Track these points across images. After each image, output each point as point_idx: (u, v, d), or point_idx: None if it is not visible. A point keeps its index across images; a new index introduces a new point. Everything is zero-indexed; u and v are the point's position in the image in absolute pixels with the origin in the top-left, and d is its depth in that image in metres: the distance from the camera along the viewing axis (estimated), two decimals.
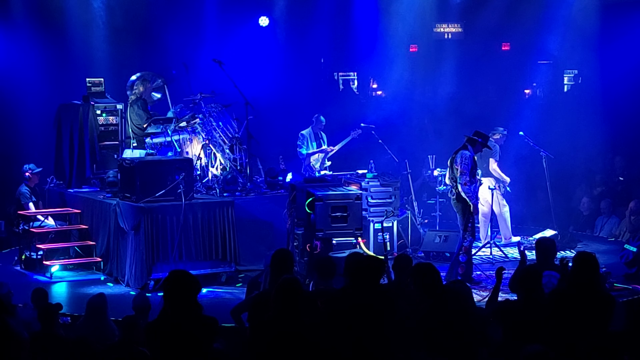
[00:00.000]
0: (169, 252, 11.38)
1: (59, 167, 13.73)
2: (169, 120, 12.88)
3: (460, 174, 11.08)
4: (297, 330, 6.28)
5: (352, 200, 11.11)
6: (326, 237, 11.04)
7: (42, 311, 7.65)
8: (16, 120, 16.17)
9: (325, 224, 10.95)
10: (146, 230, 11.27)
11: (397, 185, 13.39)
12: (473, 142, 11.34)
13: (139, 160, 12.01)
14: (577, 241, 14.26)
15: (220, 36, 17.49)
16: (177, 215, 11.44)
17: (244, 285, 11.51)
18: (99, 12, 16.73)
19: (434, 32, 19.64)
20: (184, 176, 11.52)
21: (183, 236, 11.48)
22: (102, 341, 7.67)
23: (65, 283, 12.03)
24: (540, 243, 8.76)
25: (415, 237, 13.41)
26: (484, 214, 13.58)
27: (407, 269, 7.58)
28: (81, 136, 13.44)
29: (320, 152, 14.89)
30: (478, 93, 18.44)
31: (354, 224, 11.07)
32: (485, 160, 13.41)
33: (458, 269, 11.12)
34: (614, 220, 15.54)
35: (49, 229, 12.99)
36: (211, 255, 11.68)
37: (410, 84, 18.54)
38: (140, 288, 11.28)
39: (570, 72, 19.98)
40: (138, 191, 11.49)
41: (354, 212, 11.04)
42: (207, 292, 11.29)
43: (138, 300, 8.32)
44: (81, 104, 13.60)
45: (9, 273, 12.68)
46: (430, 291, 6.84)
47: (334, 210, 10.98)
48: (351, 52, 19.51)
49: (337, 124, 17.45)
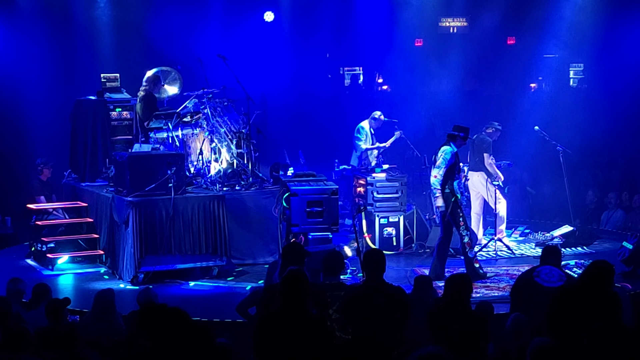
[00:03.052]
0: (158, 246, 11.49)
1: (75, 161, 13.86)
2: (170, 116, 12.91)
3: (437, 167, 10.99)
4: (304, 321, 6.31)
5: (328, 195, 11.12)
6: (301, 231, 11.08)
7: (50, 307, 7.67)
8: (25, 116, 16.25)
9: (300, 219, 11.02)
10: (135, 223, 11.38)
11: (404, 180, 13.36)
12: (454, 138, 11.17)
13: (129, 154, 12.12)
14: (596, 237, 13.91)
15: (225, 32, 17.50)
16: (167, 209, 11.54)
17: (237, 279, 11.75)
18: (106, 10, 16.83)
19: (439, 26, 19.64)
20: (175, 170, 11.60)
21: (174, 230, 11.57)
22: (110, 337, 7.68)
23: (64, 276, 12.11)
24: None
25: (422, 232, 13.38)
26: (477, 211, 13.50)
27: (381, 263, 7.61)
28: (94, 131, 13.56)
29: (376, 149, 14.64)
30: (483, 87, 18.45)
31: (329, 219, 11.11)
32: (478, 154, 13.28)
33: (474, 264, 11.11)
34: (619, 214, 15.52)
35: (56, 222, 13.07)
36: (202, 249, 11.73)
37: (416, 78, 18.54)
38: (130, 281, 11.43)
39: (576, 66, 19.94)
40: (128, 185, 11.62)
41: (329, 207, 11.08)
42: (200, 285, 11.46)
43: (143, 296, 8.32)
44: (95, 99, 13.71)
45: (17, 267, 12.75)
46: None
47: (309, 205, 11.03)
48: (357, 47, 19.51)
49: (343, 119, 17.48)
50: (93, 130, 13.56)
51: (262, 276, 11.21)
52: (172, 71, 14.11)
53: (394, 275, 11.70)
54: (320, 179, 11.85)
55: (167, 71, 14.03)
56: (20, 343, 6.40)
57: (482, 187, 13.35)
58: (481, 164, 13.33)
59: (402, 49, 18.71)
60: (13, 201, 15.63)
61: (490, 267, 11.86)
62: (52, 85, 16.06)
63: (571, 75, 20.01)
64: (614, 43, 17.79)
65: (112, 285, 11.23)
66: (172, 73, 14.09)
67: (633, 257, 11.22)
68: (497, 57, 18.57)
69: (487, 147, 13.30)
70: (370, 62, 19.99)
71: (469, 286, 7.08)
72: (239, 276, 11.88)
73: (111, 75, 14.25)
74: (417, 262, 12.54)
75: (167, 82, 14.02)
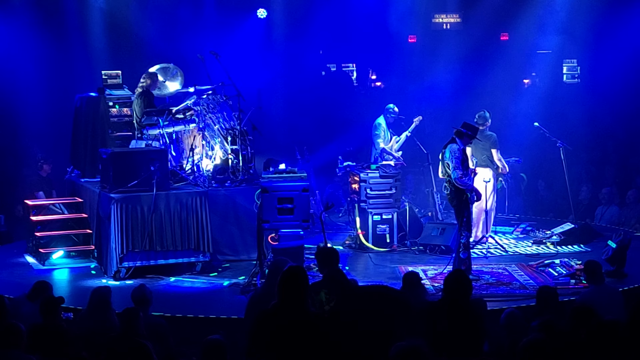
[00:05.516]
0: (140, 241, 11.59)
1: (75, 157, 13.95)
2: (161, 113, 12.95)
3: (453, 169, 10.95)
4: (303, 319, 6.28)
5: (299, 192, 11.11)
6: (272, 228, 11.09)
7: (44, 303, 7.66)
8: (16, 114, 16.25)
9: (271, 215, 11.01)
10: (116, 219, 11.51)
11: (398, 177, 13.37)
12: (460, 135, 11.14)
13: (112, 151, 12.22)
14: (598, 235, 13.49)
15: (218, 29, 17.50)
16: (149, 205, 11.65)
17: (219, 275, 11.81)
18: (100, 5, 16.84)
19: (432, 22, 19.64)
20: (158, 166, 11.67)
21: (155, 226, 11.67)
22: (104, 334, 7.67)
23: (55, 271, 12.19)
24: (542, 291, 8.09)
25: (417, 229, 13.39)
26: (480, 208, 13.49)
27: (335, 259, 7.64)
28: (94, 127, 13.65)
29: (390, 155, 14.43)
30: (477, 83, 18.44)
31: (300, 216, 11.10)
32: (485, 151, 13.26)
33: (462, 266, 11.10)
34: (613, 209, 15.55)
35: (50, 218, 13.08)
36: (184, 244, 11.83)
37: (409, 75, 18.54)
38: (112, 276, 11.52)
39: (569, 62, 19.97)
40: (111, 181, 11.73)
41: (300, 204, 11.07)
42: (182, 280, 11.55)
43: (137, 292, 8.32)
44: (95, 96, 13.79)
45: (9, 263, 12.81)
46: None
47: (280, 201, 11.02)
48: (350, 44, 19.51)
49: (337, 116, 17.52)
50: (93, 127, 13.66)
51: (247, 272, 11.34)
52: (173, 67, 14.12)
53: (387, 272, 11.82)
54: (298, 176, 11.83)
55: (167, 67, 14.05)
56: (11, 339, 6.40)
57: (482, 184, 13.18)
58: (488, 161, 13.32)
59: (395, 45, 18.73)
60: (6, 199, 15.61)
61: (475, 265, 11.69)
62: (45, 82, 16.08)
63: (565, 71, 20.02)
64: (607, 39, 17.81)
65: (97, 280, 11.49)
66: (173, 69, 14.10)
67: (616, 256, 11.23)
68: (490, 53, 18.57)
69: (495, 142, 13.30)
70: (363, 58, 19.98)
71: (468, 285, 7.08)
72: (223, 272, 11.97)
73: (112, 72, 14.41)
74: (410, 259, 12.56)
75: (168, 78, 14.05)
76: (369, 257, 12.64)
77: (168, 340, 7.90)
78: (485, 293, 10.35)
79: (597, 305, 7.78)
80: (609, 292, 8.85)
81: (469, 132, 11.16)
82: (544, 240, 13.34)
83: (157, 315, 8.88)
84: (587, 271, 9.12)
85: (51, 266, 12.36)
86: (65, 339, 6.64)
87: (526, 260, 12.27)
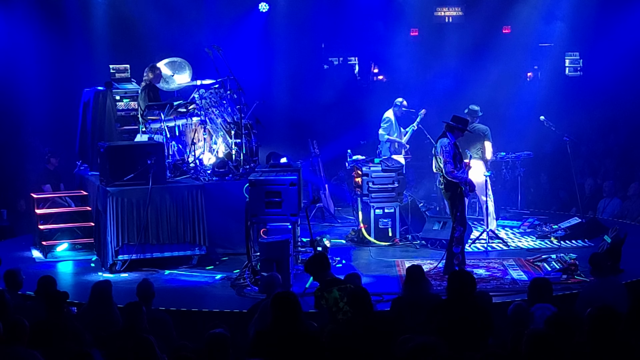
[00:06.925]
0: (136, 235, 11.65)
1: (83, 151, 14.01)
2: (162, 106, 12.97)
3: (444, 164, 10.91)
4: (297, 338, 6.38)
5: (287, 185, 11.04)
6: (260, 222, 11.06)
7: (49, 299, 7.67)
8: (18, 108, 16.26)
9: (258, 209, 10.95)
10: (112, 212, 11.59)
11: (400, 171, 13.35)
12: (451, 129, 11.07)
13: (109, 145, 12.26)
14: (604, 230, 12.80)
15: (220, 23, 17.49)
16: (145, 198, 11.70)
17: (217, 268, 11.84)
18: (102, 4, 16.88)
19: (434, 15, 19.64)
20: (155, 160, 11.73)
21: (151, 219, 11.73)
22: (106, 328, 7.69)
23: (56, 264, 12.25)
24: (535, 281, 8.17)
25: (419, 223, 13.37)
26: (480, 200, 13.48)
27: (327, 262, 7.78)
28: (101, 121, 13.71)
29: (396, 141, 14.52)
30: (479, 76, 18.43)
31: (288, 210, 11.01)
32: (478, 144, 13.23)
33: (454, 260, 11.09)
34: (616, 202, 15.53)
35: (53, 211, 13.10)
36: (180, 238, 11.88)
37: (412, 68, 18.53)
38: (107, 268, 11.60)
39: (571, 55, 19.95)
40: (108, 175, 11.81)
41: (288, 198, 10.99)
42: (176, 274, 11.59)
43: (141, 287, 8.33)
44: (103, 90, 13.82)
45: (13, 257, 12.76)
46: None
47: (268, 195, 10.96)
48: (352, 37, 19.50)
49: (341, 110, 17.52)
50: (100, 120, 13.72)
51: (243, 265, 11.26)
52: (181, 61, 14.11)
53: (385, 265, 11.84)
54: (288, 170, 11.77)
55: (174, 61, 14.06)
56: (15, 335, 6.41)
57: (482, 178, 13.10)
58: (481, 154, 13.26)
59: (397, 38, 18.70)
60: (8, 194, 15.63)
61: (469, 260, 11.61)
62: (47, 76, 16.08)
63: (567, 64, 20.01)
64: (609, 32, 17.79)
65: (94, 273, 11.58)
66: (180, 62, 14.10)
67: (611, 251, 11.21)
68: (492, 46, 18.55)
69: (488, 135, 13.28)
70: (365, 52, 19.97)
71: (472, 281, 7.12)
72: (219, 265, 11.99)
73: (121, 66, 14.46)
74: (412, 253, 12.56)
75: (176, 72, 14.04)
76: (369, 252, 12.64)
77: (171, 334, 7.92)
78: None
79: (602, 298, 7.82)
80: (613, 285, 8.86)
81: (459, 125, 11.09)
82: (548, 235, 13.28)
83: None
84: (592, 264, 9.13)
85: (54, 259, 12.41)
86: (68, 335, 6.65)
87: (526, 255, 12.24)
